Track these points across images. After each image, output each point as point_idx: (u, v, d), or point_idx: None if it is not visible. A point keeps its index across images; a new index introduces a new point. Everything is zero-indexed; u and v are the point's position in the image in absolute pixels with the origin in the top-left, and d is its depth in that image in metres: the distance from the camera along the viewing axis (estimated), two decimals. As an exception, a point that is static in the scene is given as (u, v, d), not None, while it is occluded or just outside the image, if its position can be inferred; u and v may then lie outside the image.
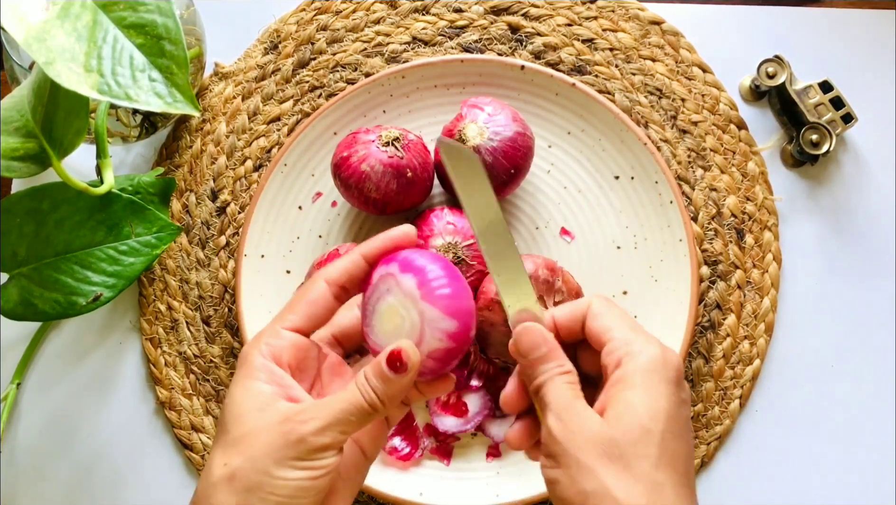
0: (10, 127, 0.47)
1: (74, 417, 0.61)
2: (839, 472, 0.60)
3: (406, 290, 0.39)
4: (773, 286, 0.61)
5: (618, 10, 0.63)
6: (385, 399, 0.39)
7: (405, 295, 0.39)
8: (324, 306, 0.42)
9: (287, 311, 0.42)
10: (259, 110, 0.63)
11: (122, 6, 0.41)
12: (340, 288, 0.42)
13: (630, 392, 0.38)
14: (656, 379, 0.39)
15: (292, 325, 0.41)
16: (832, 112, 0.60)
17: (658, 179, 0.58)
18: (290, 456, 0.37)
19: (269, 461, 0.37)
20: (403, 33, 0.63)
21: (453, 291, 0.39)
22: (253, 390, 0.39)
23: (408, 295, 0.39)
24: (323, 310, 0.42)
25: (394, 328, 0.40)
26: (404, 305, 0.39)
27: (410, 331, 0.39)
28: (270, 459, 0.37)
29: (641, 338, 0.40)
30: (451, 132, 0.55)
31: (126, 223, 0.52)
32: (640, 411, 0.38)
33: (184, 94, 0.42)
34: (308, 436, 0.38)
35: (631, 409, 0.38)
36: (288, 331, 0.41)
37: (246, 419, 0.39)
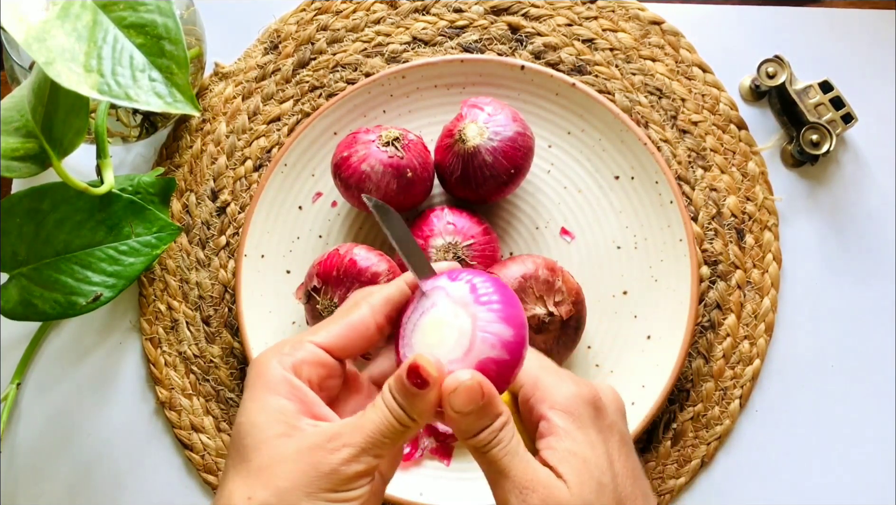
0: (10, 127, 0.47)
1: (74, 417, 0.61)
2: (839, 472, 0.60)
3: (457, 297, 0.37)
4: (773, 286, 0.61)
5: (618, 10, 0.63)
6: (415, 416, 0.36)
7: (455, 302, 0.37)
8: (363, 335, 0.39)
9: (321, 327, 0.39)
10: (259, 110, 0.63)
11: (122, 6, 0.41)
12: (385, 318, 0.39)
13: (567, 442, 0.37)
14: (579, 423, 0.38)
15: (323, 341, 0.38)
16: (832, 112, 0.60)
17: (658, 179, 0.58)
18: (323, 488, 0.35)
19: (300, 494, 0.34)
20: (403, 33, 0.63)
21: (507, 299, 0.37)
22: (272, 407, 0.36)
23: (458, 301, 0.37)
24: (362, 338, 0.39)
25: (438, 340, 0.37)
26: (454, 313, 0.36)
27: (459, 339, 0.36)
28: (301, 493, 0.34)
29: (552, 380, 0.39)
30: (451, 132, 0.55)
31: (126, 223, 0.52)
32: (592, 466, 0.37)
33: (184, 94, 0.42)
34: (341, 466, 0.35)
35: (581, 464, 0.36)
36: (314, 345, 0.38)
37: (269, 445, 0.36)
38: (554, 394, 0.38)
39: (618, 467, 0.38)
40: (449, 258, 0.54)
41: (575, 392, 0.38)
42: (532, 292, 0.53)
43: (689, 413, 0.60)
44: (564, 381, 0.39)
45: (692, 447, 0.60)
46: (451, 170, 0.56)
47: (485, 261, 0.55)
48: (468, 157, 0.54)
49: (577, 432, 0.37)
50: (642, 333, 0.59)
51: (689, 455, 0.59)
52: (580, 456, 0.37)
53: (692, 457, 0.59)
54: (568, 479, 0.36)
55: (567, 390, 0.38)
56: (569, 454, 0.37)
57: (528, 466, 0.36)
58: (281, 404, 0.36)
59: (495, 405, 0.36)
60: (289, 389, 0.37)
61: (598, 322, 0.59)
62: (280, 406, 0.36)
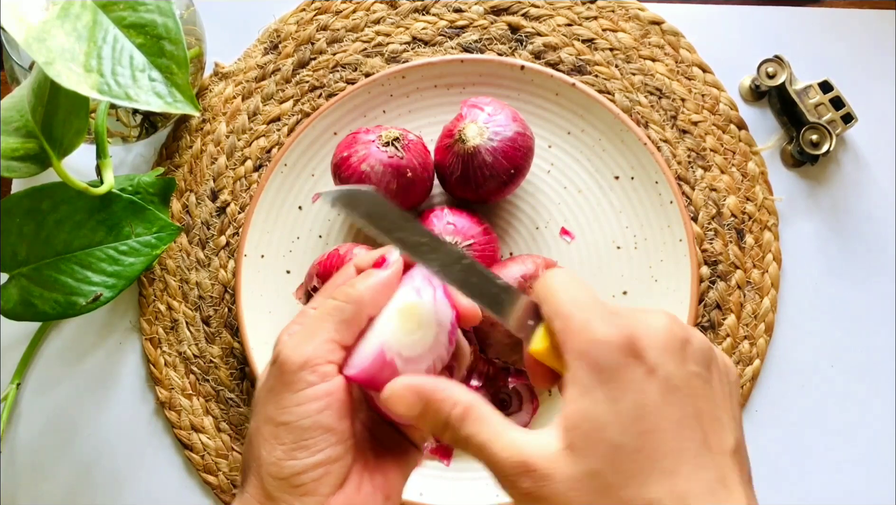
0: (10, 127, 0.47)
1: (74, 417, 0.61)
2: (839, 472, 0.60)
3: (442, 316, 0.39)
4: (773, 286, 0.61)
5: (618, 10, 0.63)
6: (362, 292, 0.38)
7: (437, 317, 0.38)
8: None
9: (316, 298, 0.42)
10: (259, 110, 0.63)
11: (122, 6, 0.41)
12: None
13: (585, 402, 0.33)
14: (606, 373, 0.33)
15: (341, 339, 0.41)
16: (832, 112, 0.60)
17: (658, 179, 0.58)
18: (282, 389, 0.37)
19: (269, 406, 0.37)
20: (403, 33, 0.63)
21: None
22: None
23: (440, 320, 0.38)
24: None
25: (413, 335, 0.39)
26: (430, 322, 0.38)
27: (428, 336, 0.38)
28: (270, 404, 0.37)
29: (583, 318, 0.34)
30: (451, 132, 0.55)
31: (126, 223, 0.52)
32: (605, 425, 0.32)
33: (184, 94, 0.42)
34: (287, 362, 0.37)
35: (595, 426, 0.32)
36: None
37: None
38: (579, 339, 0.33)
39: (654, 420, 0.32)
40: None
41: (602, 336, 0.33)
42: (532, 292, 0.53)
43: (689, 413, 0.60)
44: (596, 320, 0.34)
45: (692, 447, 0.59)
46: (451, 170, 0.56)
47: (485, 261, 0.55)
48: (468, 157, 0.54)
49: (598, 389, 0.32)
50: (642, 333, 0.59)
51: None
52: (594, 418, 0.32)
53: (692, 457, 0.59)
54: (575, 447, 0.32)
55: (594, 334, 0.33)
56: (581, 418, 0.33)
57: (513, 449, 0.33)
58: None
59: (441, 403, 0.35)
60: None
61: (598, 322, 0.59)
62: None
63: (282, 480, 0.36)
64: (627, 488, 0.32)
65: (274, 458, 0.36)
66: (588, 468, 0.32)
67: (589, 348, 0.33)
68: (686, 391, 0.33)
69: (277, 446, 0.36)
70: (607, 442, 0.32)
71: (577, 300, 0.34)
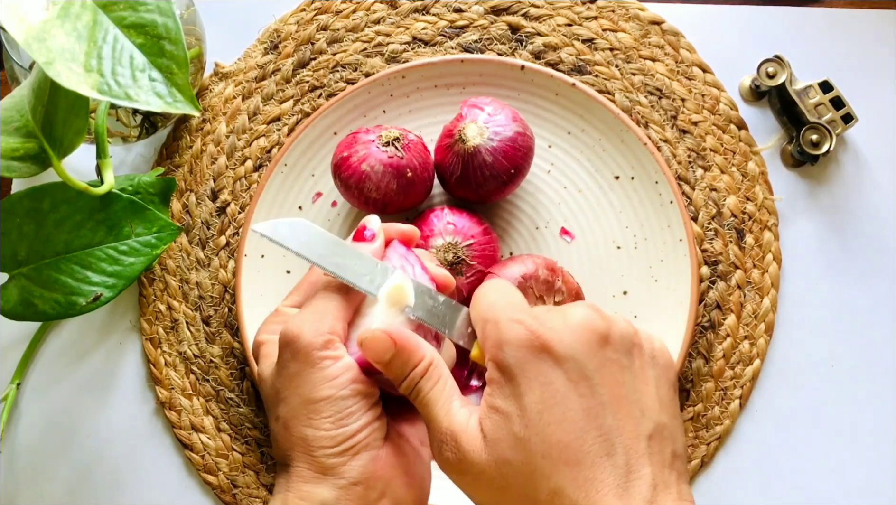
0: (10, 127, 0.47)
1: (74, 417, 0.61)
2: (839, 472, 0.60)
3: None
4: (773, 286, 0.61)
5: (618, 10, 0.63)
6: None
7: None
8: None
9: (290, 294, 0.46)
10: (259, 110, 0.63)
11: (122, 6, 0.41)
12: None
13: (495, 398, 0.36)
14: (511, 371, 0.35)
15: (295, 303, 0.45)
16: (832, 112, 0.60)
17: (658, 179, 0.58)
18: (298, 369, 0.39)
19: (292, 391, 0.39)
20: (403, 33, 0.63)
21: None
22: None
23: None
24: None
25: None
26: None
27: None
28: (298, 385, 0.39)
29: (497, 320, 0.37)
30: (451, 132, 0.55)
31: (126, 223, 0.52)
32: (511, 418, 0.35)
33: (184, 93, 0.42)
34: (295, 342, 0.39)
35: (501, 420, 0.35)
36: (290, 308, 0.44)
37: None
38: (490, 342, 0.37)
39: (559, 412, 0.34)
40: (449, 258, 0.54)
41: (507, 337, 0.36)
42: (532, 292, 0.53)
43: (689, 413, 0.60)
44: (504, 322, 0.36)
45: (692, 447, 0.60)
46: (451, 170, 0.56)
47: (485, 261, 0.55)
48: (468, 157, 0.54)
49: (505, 386, 0.35)
50: (642, 333, 0.59)
51: (689, 455, 0.59)
52: (502, 413, 0.35)
53: (692, 457, 0.59)
54: (488, 434, 0.36)
55: (500, 336, 0.36)
56: (491, 409, 0.36)
57: (449, 417, 0.37)
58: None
59: (410, 353, 0.38)
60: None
61: (598, 322, 0.59)
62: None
63: (336, 447, 0.38)
64: (532, 479, 0.34)
65: (324, 431, 0.38)
66: (498, 457, 0.35)
67: (496, 349, 0.36)
68: (597, 379, 0.35)
69: (324, 420, 0.38)
70: (513, 436, 0.35)
71: (494, 305, 0.38)
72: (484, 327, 0.38)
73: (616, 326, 0.37)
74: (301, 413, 0.39)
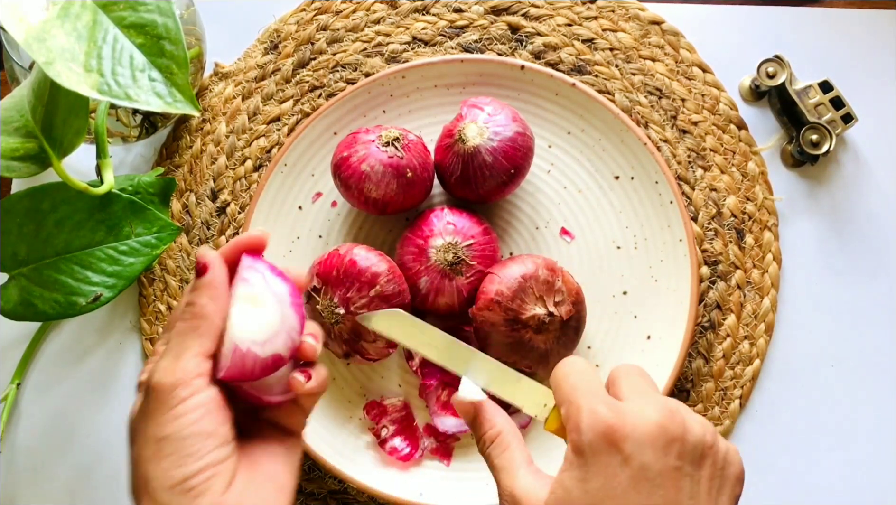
0: (10, 127, 0.47)
1: (74, 417, 0.61)
2: (839, 472, 0.60)
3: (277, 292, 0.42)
4: (773, 286, 0.61)
5: (618, 10, 0.63)
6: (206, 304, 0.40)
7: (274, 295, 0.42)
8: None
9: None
10: (259, 110, 0.63)
11: (122, 6, 0.41)
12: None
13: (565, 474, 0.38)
14: (585, 455, 0.38)
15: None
16: (832, 112, 0.60)
17: (658, 179, 0.58)
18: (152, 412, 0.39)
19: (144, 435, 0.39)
20: (403, 33, 0.63)
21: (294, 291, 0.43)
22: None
23: (277, 296, 0.42)
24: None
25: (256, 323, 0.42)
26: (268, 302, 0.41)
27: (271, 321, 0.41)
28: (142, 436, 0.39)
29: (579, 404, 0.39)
30: (451, 132, 0.55)
31: (126, 223, 0.52)
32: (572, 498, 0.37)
33: (184, 93, 0.42)
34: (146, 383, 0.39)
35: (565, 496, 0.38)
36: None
37: None
38: (572, 423, 0.39)
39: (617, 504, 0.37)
40: (449, 258, 0.54)
41: (587, 424, 0.38)
42: (532, 292, 0.53)
43: (689, 413, 0.60)
44: (587, 408, 0.39)
45: (692, 447, 0.59)
46: (451, 170, 0.56)
47: (485, 261, 0.55)
48: (468, 157, 0.54)
49: (576, 468, 0.38)
50: (642, 333, 0.59)
51: None
52: (567, 490, 0.38)
53: (692, 457, 0.59)
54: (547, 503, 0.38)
55: (582, 421, 0.38)
56: (559, 487, 0.38)
57: (513, 482, 0.40)
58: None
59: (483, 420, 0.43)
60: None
61: (598, 322, 0.59)
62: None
63: (174, 487, 0.38)
64: None
65: (162, 470, 0.38)
66: None
67: (576, 433, 0.38)
68: (658, 482, 0.37)
69: (164, 458, 0.38)
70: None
71: (578, 388, 0.40)
72: (568, 409, 0.39)
73: (691, 434, 0.38)
74: (146, 451, 0.39)
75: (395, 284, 0.54)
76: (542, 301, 0.53)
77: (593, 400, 0.39)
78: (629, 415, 0.38)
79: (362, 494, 0.59)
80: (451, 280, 0.55)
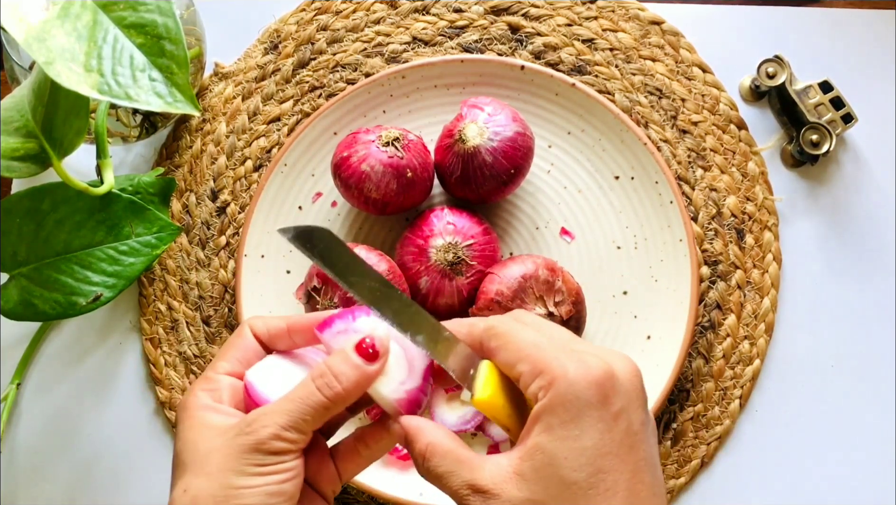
0: (10, 127, 0.47)
1: (74, 417, 0.61)
2: (839, 472, 0.60)
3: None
4: (773, 286, 0.61)
5: (618, 10, 0.63)
6: (348, 390, 0.37)
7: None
8: (254, 351, 0.42)
9: (218, 359, 0.41)
10: (259, 110, 0.63)
11: (122, 6, 0.41)
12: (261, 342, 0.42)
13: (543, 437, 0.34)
14: (573, 411, 0.34)
15: (226, 370, 0.41)
16: (832, 112, 0.60)
17: (658, 179, 0.58)
18: (251, 463, 0.36)
19: (230, 474, 0.36)
20: (403, 33, 0.63)
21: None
22: (205, 423, 0.38)
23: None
24: (253, 354, 0.41)
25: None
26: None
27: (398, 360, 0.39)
28: (231, 472, 0.36)
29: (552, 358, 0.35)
30: (451, 132, 0.55)
31: (126, 223, 0.52)
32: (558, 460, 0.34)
33: (184, 93, 0.42)
34: (265, 441, 0.36)
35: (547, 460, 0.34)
36: (223, 375, 0.40)
37: (201, 444, 0.38)
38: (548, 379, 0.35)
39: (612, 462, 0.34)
40: (449, 258, 0.54)
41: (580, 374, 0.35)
42: (532, 292, 0.53)
43: (689, 413, 0.60)
44: (563, 359, 0.35)
45: (692, 447, 0.60)
46: (451, 170, 0.56)
47: (485, 261, 0.55)
48: (468, 157, 0.54)
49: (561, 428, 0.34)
50: (642, 333, 0.59)
51: (689, 455, 0.60)
52: (549, 453, 0.34)
53: (692, 457, 0.59)
54: (524, 475, 0.35)
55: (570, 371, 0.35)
56: (536, 451, 0.35)
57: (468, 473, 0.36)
58: (212, 419, 0.38)
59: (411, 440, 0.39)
60: (215, 411, 0.39)
61: (598, 322, 0.59)
62: (211, 420, 0.38)
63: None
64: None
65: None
66: (534, 497, 0.34)
67: (560, 390, 0.35)
68: (641, 437, 0.35)
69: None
70: (558, 477, 0.34)
71: (538, 343, 0.36)
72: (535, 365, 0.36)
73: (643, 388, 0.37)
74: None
75: (395, 283, 0.54)
76: (543, 301, 0.53)
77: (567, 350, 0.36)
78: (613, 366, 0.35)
79: (362, 494, 0.59)
80: (452, 280, 0.55)
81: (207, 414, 0.39)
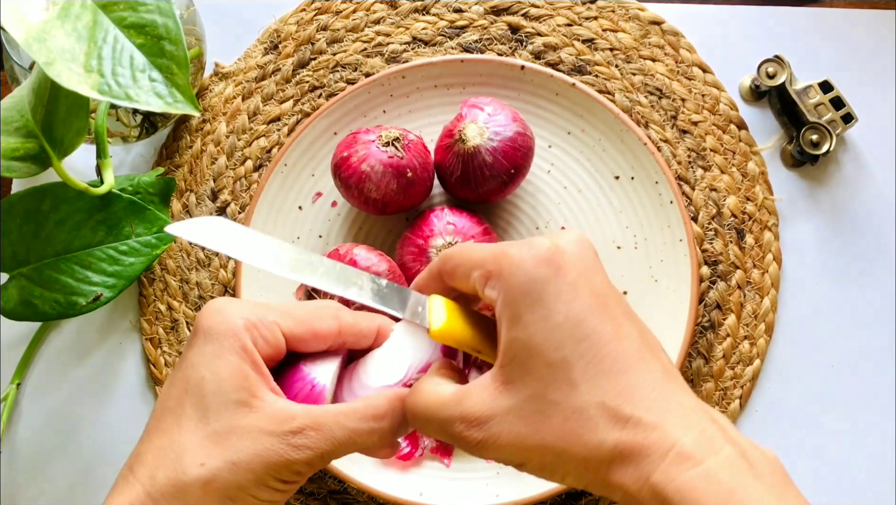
0: (10, 127, 0.47)
1: (74, 417, 0.61)
2: (839, 471, 0.60)
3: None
4: (773, 286, 0.61)
5: (618, 10, 0.63)
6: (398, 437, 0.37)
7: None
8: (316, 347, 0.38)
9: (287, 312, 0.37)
10: (259, 110, 0.63)
11: (122, 6, 0.41)
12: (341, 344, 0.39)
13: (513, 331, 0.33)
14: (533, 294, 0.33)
15: (287, 329, 0.37)
16: (832, 112, 0.60)
17: (658, 179, 0.58)
18: (275, 477, 0.35)
19: (250, 477, 0.34)
20: (403, 33, 0.63)
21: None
22: (235, 367, 0.35)
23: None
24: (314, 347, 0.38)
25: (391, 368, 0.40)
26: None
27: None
28: (253, 475, 0.34)
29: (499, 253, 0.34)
30: (451, 132, 0.55)
31: (126, 223, 0.52)
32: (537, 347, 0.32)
33: (184, 94, 0.42)
34: (297, 465, 0.35)
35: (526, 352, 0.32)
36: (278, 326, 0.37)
37: (230, 412, 0.35)
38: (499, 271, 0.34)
39: (590, 326, 0.33)
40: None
41: (520, 258, 0.33)
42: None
43: (689, 413, 0.60)
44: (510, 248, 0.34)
45: (692, 447, 0.59)
46: (451, 170, 0.56)
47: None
48: (468, 157, 0.54)
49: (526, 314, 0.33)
50: (642, 333, 0.59)
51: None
52: (526, 345, 0.33)
53: (692, 457, 0.59)
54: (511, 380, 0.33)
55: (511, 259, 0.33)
56: (513, 349, 0.33)
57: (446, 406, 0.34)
58: (243, 368, 0.35)
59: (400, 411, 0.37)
60: (249, 355, 0.36)
61: (598, 322, 0.59)
62: (242, 369, 0.35)
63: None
64: (574, 397, 0.32)
65: None
66: (526, 394, 0.32)
67: (510, 275, 0.33)
68: (612, 295, 0.34)
69: None
70: (543, 363, 0.32)
71: (486, 248, 0.35)
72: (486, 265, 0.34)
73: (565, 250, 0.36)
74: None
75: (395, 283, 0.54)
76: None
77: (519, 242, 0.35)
78: (556, 239, 0.34)
79: (362, 494, 0.59)
80: (451, 280, 0.55)
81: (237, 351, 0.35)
